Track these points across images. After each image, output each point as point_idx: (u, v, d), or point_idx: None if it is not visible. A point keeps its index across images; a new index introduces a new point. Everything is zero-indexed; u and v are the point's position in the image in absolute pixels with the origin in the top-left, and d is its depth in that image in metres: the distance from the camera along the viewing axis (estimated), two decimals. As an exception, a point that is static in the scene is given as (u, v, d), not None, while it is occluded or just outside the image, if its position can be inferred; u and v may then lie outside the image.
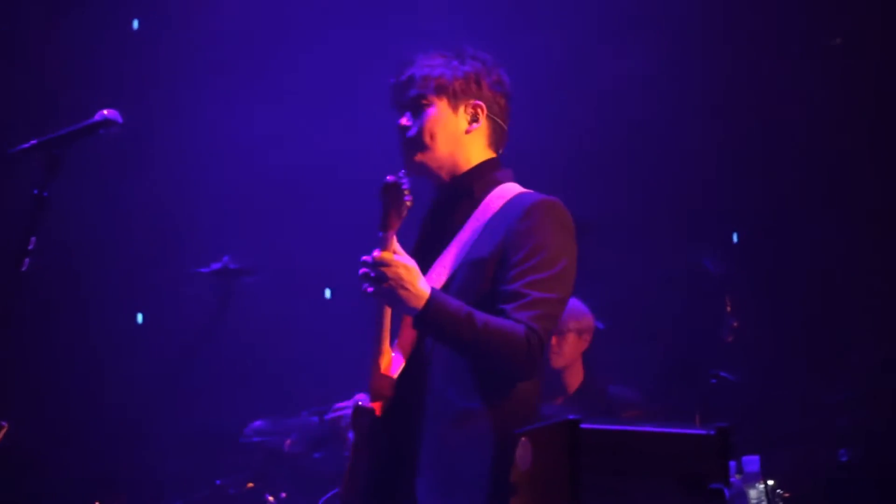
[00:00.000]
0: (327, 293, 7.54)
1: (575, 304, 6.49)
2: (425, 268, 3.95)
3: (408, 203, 3.80)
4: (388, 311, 3.90)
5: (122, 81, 6.99)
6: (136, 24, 7.36)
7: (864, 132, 7.09)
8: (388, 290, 3.76)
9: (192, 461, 6.85)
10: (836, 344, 7.05)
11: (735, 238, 7.43)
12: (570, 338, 6.43)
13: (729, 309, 6.56)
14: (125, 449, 7.04)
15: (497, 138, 4.16)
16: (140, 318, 7.36)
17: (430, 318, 3.79)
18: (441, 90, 4.09)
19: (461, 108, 4.11)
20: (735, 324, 6.51)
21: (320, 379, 6.87)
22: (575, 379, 6.45)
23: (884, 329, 7.00)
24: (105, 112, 3.86)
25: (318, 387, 6.67)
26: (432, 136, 4.08)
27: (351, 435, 3.98)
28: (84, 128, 3.85)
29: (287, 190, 7.14)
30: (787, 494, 4.60)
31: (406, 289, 3.76)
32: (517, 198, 4.02)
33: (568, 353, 6.43)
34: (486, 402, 3.87)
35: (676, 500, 3.55)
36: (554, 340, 6.38)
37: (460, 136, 4.10)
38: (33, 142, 3.80)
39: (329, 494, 4.18)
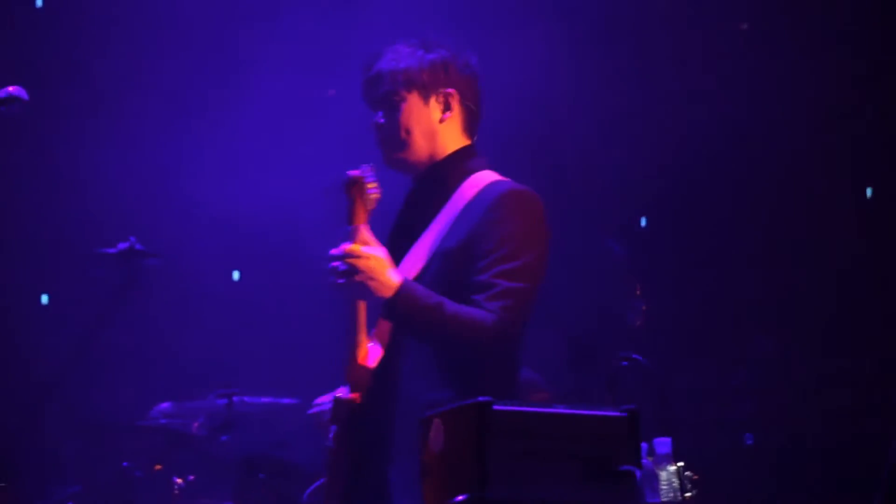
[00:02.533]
0: (235, 275, 7.50)
1: None
2: (400, 257, 3.98)
3: (374, 196, 3.85)
4: (362, 303, 3.89)
5: (29, 58, 6.91)
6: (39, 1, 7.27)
7: (764, 115, 7.17)
8: (357, 282, 3.77)
9: (96, 444, 6.78)
10: (741, 329, 7.12)
11: (643, 222, 7.48)
12: None
13: (638, 293, 6.60)
14: (27, 431, 6.95)
15: (471, 123, 4.18)
16: (45, 298, 7.27)
17: (399, 307, 3.81)
18: (410, 83, 4.09)
19: (432, 99, 4.11)
20: (643, 307, 6.55)
21: (225, 362, 6.84)
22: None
23: (786, 316, 7.08)
24: (10, 88, 3.80)
25: (224, 370, 6.63)
26: (408, 132, 4.09)
27: (333, 428, 3.99)
28: (-12, 105, 3.79)
29: (195, 171, 7.09)
30: (695, 477, 4.63)
31: (375, 279, 3.78)
32: (489, 187, 4.03)
33: None
34: (454, 394, 3.87)
35: (587, 481, 3.57)
36: None
37: (435, 127, 4.11)
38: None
39: (315, 485, 4.16)
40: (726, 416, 6.61)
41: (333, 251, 3.78)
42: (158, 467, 6.29)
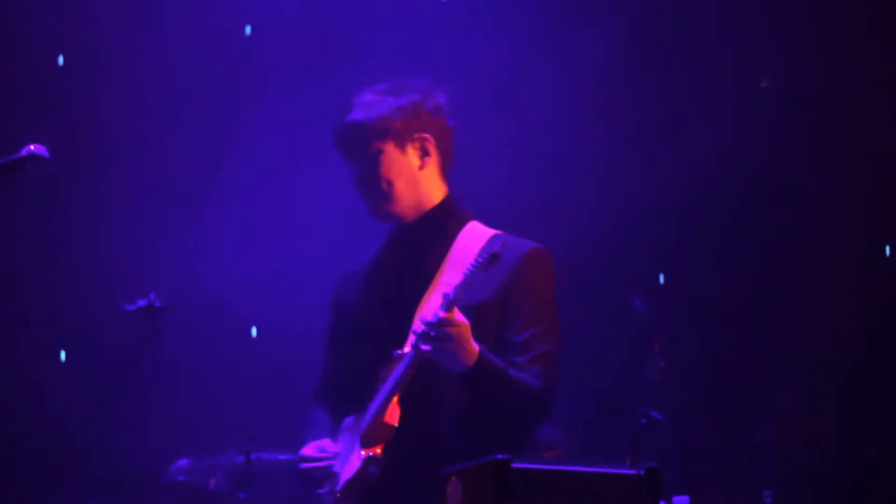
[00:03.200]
0: (253, 332, 7.50)
1: None
2: (400, 306, 3.95)
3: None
4: (408, 364, 3.86)
5: (49, 115, 6.94)
6: (60, 60, 7.31)
7: (779, 171, 7.16)
8: (448, 349, 3.75)
9: (115, 501, 6.77)
10: (763, 386, 7.08)
11: (661, 279, 7.46)
12: None
13: (657, 349, 6.58)
14: (46, 489, 6.94)
15: (448, 166, 4.16)
16: (63, 355, 7.27)
17: (479, 373, 3.79)
18: (385, 133, 4.06)
19: (408, 146, 4.08)
20: (662, 363, 6.52)
21: (245, 418, 6.82)
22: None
23: (805, 372, 7.04)
24: (32, 147, 3.81)
25: (243, 426, 6.61)
26: (389, 183, 4.06)
27: (342, 481, 3.95)
28: (9, 163, 3.80)
29: (215, 226, 7.10)
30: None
31: (464, 347, 3.76)
32: (499, 241, 3.98)
33: None
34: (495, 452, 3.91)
35: (606, 540, 3.55)
36: None
37: (415, 175, 4.08)
38: (-45, 176, 3.74)
39: None
40: (747, 474, 6.57)
41: (428, 318, 3.75)
42: (176, 525, 6.28)
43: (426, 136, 4.08)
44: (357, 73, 6.52)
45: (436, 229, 4.09)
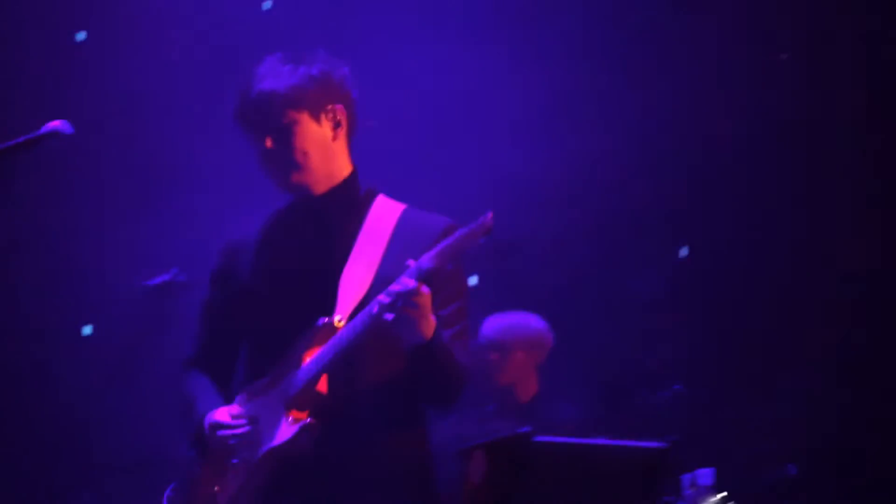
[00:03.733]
0: None
1: (525, 320, 6.52)
2: (320, 278, 3.92)
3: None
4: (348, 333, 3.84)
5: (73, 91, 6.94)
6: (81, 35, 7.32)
7: (804, 145, 7.14)
8: (411, 318, 3.71)
9: (140, 478, 6.78)
10: (782, 360, 7.07)
11: (685, 252, 7.44)
12: (517, 356, 6.44)
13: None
14: (68, 466, 6.97)
15: (353, 137, 4.11)
16: (87, 330, 7.28)
17: (433, 346, 3.77)
18: (299, 103, 3.96)
19: (322, 116, 4.02)
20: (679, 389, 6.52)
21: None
22: (527, 393, 6.46)
23: (828, 344, 7.02)
24: (55, 123, 3.81)
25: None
26: (305, 154, 3.97)
27: (245, 453, 3.92)
28: (32, 139, 3.80)
29: (239, 202, 7.10)
30: (738, 508, 4.63)
31: (426, 318, 3.74)
32: (416, 217, 4.01)
33: (513, 371, 6.44)
34: (412, 429, 3.92)
35: (628, 513, 3.56)
36: (496, 357, 6.41)
37: (329, 146, 4.01)
38: (-21, 154, 3.74)
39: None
40: (770, 447, 6.56)
41: (395, 287, 3.71)
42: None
43: (338, 106, 4.04)
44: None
45: (348, 201, 4.04)
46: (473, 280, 7.43)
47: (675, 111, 7.15)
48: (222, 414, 3.92)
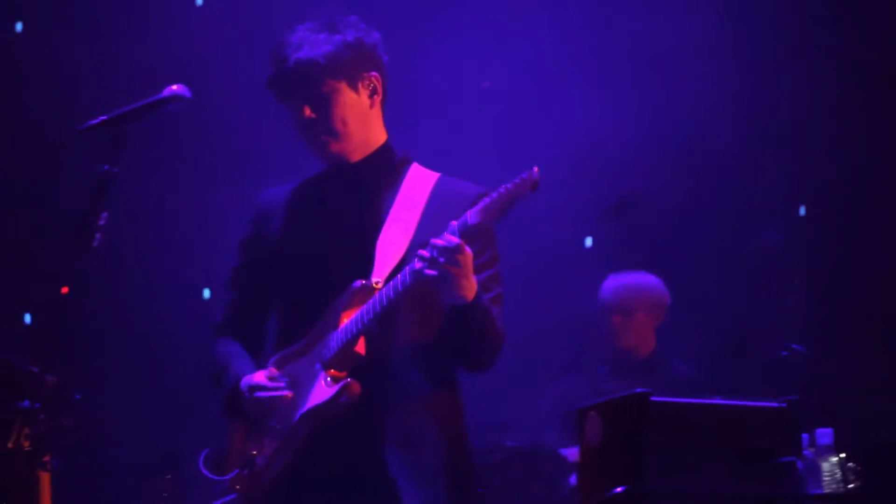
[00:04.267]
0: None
1: (644, 280, 6.51)
2: (357, 242, 3.93)
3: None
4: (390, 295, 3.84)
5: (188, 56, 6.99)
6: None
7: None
8: (453, 275, 3.72)
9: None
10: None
11: (802, 211, 7.37)
12: (639, 317, 6.44)
13: (796, 282, 6.53)
14: (190, 425, 7.06)
15: (386, 102, 4.12)
16: (207, 293, 7.36)
17: (475, 307, 3.78)
18: (338, 72, 3.96)
19: (359, 84, 4.02)
20: (802, 297, 6.48)
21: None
22: (644, 352, 6.46)
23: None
24: (174, 87, 3.85)
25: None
26: (344, 122, 3.98)
27: (281, 414, 3.95)
28: (152, 103, 3.84)
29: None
30: (859, 468, 4.57)
31: (468, 278, 3.74)
32: (451, 184, 4.02)
33: (636, 333, 6.45)
34: (447, 387, 3.95)
35: (746, 472, 3.54)
36: (618, 321, 6.41)
37: (367, 114, 4.02)
38: (102, 118, 3.79)
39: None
40: (889, 408, 6.49)
41: (438, 241, 3.72)
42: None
43: (374, 74, 4.04)
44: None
45: (384, 168, 4.04)
46: (588, 241, 7.43)
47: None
48: (260, 377, 3.95)
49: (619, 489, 3.51)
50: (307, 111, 3.98)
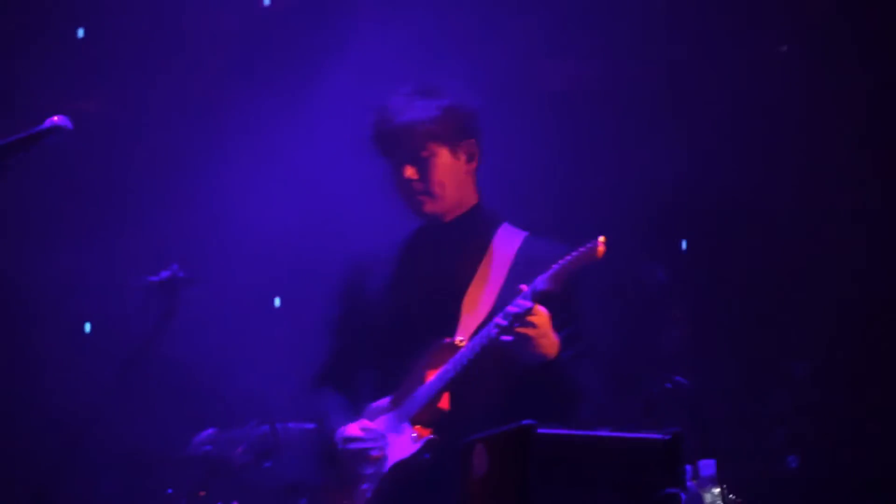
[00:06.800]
0: (276, 302, 7.52)
1: None
2: (445, 301, 4.03)
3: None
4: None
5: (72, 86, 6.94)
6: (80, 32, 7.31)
7: (804, 138, 7.13)
8: (529, 338, 3.79)
9: (138, 475, 6.79)
10: (783, 351, 7.07)
11: (684, 245, 7.45)
12: None
13: (677, 315, 6.59)
14: (67, 462, 6.95)
15: (479, 165, 4.25)
16: (88, 327, 7.29)
17: (558, 364, 3.86)
18: (438, 137, 4.13)
19: (458, 150, 4.16)
20: (681, 333, 6.54)
21: (268, 389, 6.84)
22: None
23: (824, 337, 7.02)
24: (55, 119, 3.81)
25: (266, 397, 6.63)
26: (442, 186, 4.17)
27: (393, 459, 3.99)
28: (33, 135, 3.80)
29: (239, 196, 7.11)
30: (739, 500, 4.63)
31: (547, 337, 3.83)
32: (536, 244, 4.21)
33: None
34: None
35: (631, 504, 3.56)
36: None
37: (463, 178, 4.21)
38: (-22, 150, 3.74)
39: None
40: (769, 440, 6.57)
41: (511, 308, 3.81)
42: (202, 494, 6.31)
43: (472, 140, 4.18)
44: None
45: (474, 228, 4.19)
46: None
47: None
48: (353, 429, 4.14)
49: (504, 522, 3.51)
50: (408, 171, 4.16)
